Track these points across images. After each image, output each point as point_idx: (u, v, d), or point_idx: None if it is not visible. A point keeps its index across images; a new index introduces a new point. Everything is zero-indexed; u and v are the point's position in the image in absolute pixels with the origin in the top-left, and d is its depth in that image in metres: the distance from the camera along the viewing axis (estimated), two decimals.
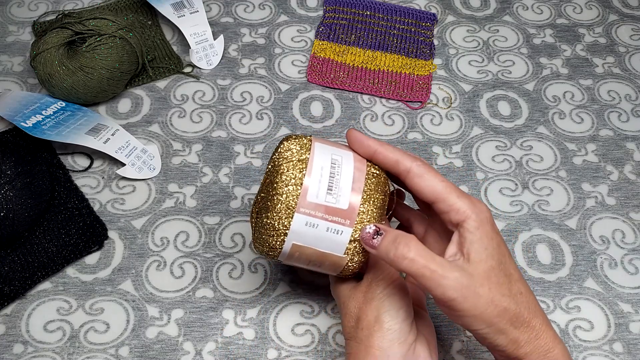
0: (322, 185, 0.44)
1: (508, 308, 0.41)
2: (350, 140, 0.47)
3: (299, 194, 0.43)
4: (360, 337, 0.44)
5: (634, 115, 0.71)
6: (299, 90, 0.71)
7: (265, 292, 0.56)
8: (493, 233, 0.43)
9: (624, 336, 0.55)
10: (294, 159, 0.44)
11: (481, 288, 0.41)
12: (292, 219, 0.43)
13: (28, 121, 0.63)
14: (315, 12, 0.79)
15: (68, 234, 0.57)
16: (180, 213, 0.60)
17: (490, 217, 0.44)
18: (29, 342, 0.52)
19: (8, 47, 0.73)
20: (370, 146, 0.46)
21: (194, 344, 0.53)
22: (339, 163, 0.45)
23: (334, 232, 0.44)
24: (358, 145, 0.46)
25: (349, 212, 0.44)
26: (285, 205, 0.43)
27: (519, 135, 0.68)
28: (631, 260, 0.59)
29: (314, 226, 0.44)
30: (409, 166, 0.45)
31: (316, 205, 0.43)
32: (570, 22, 0.80)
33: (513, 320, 0.42)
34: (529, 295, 0.43)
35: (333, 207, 0.44)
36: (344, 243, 0.44)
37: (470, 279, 0.41)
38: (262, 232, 0.45)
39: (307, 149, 0.45)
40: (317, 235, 0.44)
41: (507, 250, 0.44)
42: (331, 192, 0.44)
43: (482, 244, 0.42)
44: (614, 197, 0.64)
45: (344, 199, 0.44)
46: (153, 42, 0.74)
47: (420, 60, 0.74)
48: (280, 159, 0.45)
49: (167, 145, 0.65)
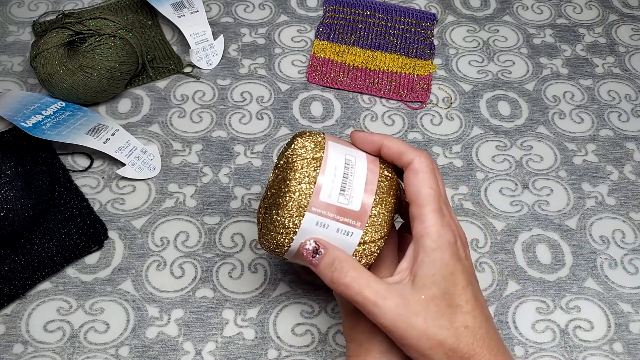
0: (335, 186, 0.43)
1: (444, 342, 0.40)
2: (356, 141, 0.46)
3: (312, 192, 0.43)
4: (360, 339, 0.44)
5: (634, 115, 0.71)
6: (299, 90, 0.71)
7: (265, 292, 0.56)
8: (451, 260, 0.41)
9: (624, 336, 0.55)
10: (308, 157, 0.44)
11: (415, 318, 0.40)
12: (304, 217, 0.43)
13: (28, 121, 0.63)
14: (315, 12, 0.79)
15: (68, 234, 0.57)
16: (180, 213, 0.60)
17: (455, 242, 0.42)
18: (29, 342, 0.52)
19: (8, 47, 0.73)
20: (376, 141, 0.45)
21: (194, 344, 0.53)
22: (352, 164, 0.45)
23: (344, 234, 0.44)
24: (364, 143, 0.46)
25: (361, 214, 0.43)
26: (297, 203, 0.43)
27: (519, 135, 0.68)
28: (631, 260, 0.59)
29: (325, 226, 0.43)
30: (412, 159, 0.44)
31: (328, 205, 0.43)
32: (570, 22, 0.80)
33: (450, 355, 0.40)
34: (476, 330, 0.41)
35: (345, 208, 0.43)
36: (354, 245, 0.44)
37: (406, 308, 0.40)
38: (271, 229, 0.44)
39: (321, 147, 0.45)
40: (327, 236, 0.44)
41: (464, 279, 0.41)
42: (344, 193, 0.43)
43: (430, 269, 0.41)
44: (614, 197, 0.64)
45: (356, 200, 0.43)
46: (153, 42, 0.74)
47: (420, 60, 0.74)
48: (295, 155, 0.44)
49: (167, 145, 0.65)
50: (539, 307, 0.56)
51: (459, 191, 0.63)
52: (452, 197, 0.63)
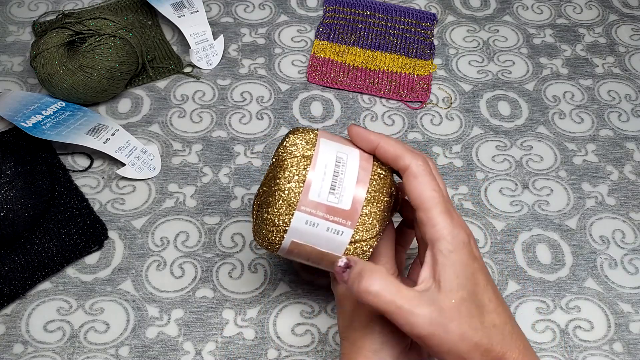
0: (325, 184, 0.43)
1: (479, 343, 0.39)
2: (352, 136, 0.45)
3: (301, 191, 0.43)
4: (354, 337, 0.44)
5: (634, 115, 0.71)
6: (299, 90, 0.71)
7: (265, 292, 0.56)
8: (469, 259, 0.40)
9: (624, 336, 0.55)
10: (298, 155, 0.44)
11: (451, 323, 0.39)
12: (293, 216, 0.43)
13: (28, 121, 0.63)
14: (315, 12, 0.79)
15: (68, 234, 0.57)
16: (180, 213, 0.60)
17: (469, 242, 0.41)
18: (29, 342, 0.52)
19: (8, 47, 0.73)
20: (372, 140, 0.44)
21: (194, 344, 0.53)
22: (343, 161, 0.44)
23: (334, 232, 0.43)
24: (360, 140, 0.45)
25: (351, 213, 0.43)
26: (286, 202, 0.43)
27: (519, 135, 0.68)
28: (631, 260, 0.59)
29: (314, 225, 0.43)
30: (408, 163, 0.42)
31: (317, 204, 0.43)
32: (570, 22, 0.80)
33: (485, 355, 0.39)
34: (503, 327, 0.41)
35: (335, 207, 0.43)
36: (344, 243, 0.44)
37: (440, 314, 0.39)
38: (262, 227, 0.45)
39: (312, 144, 0.44)
40: (317, 234, 0.44)
41: (483, 277, 0.41)
42: (334, 192, 0.43)
43: (454, 271, 0.40)
44: (614, 197, 0.64)
45: (346, 199, 0.43)
46: (153, 42, 0.74)
47: (420, 60, 0.74)
48: (285, 153, 0.44)
49: (167, 145, 0.65)
50: (539, 307, 0.56)
51: (459, 191, 0.63)
52: (452, 197, 0.63)
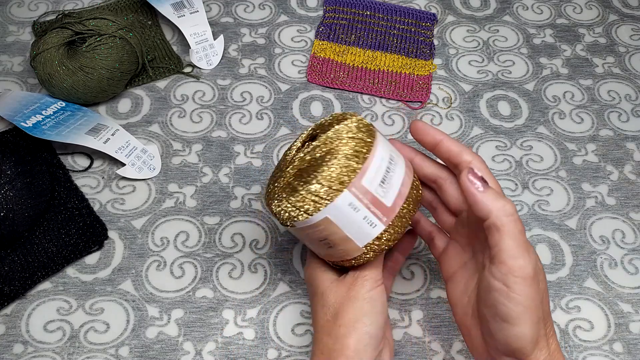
0: (378, 175, 0.43)
1: None
2: (415, 130, 0.47)
3: (357, 173, 0.42)
4: (337, 334, 0.43)
5: (634, 115, 0.71)
6: (299, 90, 0.71)
7: (265, 292, 0.56)
8: (539, 286, 0.41)
9: (624, 336, 0.55)
10: (360, 138, 0.44)
11: None
12: (341, 193, 0.42)
13: (28, 121, 0.63)
14: (315, 12, 0.79)
15: (68, 234, 0.57)
16: (180, 213, 0.60)
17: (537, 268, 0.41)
18: (29, 342, 0.52)
19: (8, 47, 0.73)
20: (435, 135, 0.46)
21: (194, 344, 0.53)
22: (394, 161, 0.45)
23: (369, 223, 0.43)
24: (424, 134, 0.46)
25: (390, 210, 0.44)
26: (339, 177, 0.42)
27: (519, 135, 0.68)
28: (631, 260, 0.59)
29: (355, 209, 0.43)
30: (470, 159, 0.44)
31: (366, 191, 0.43)
32: (570, 22, 0.80)
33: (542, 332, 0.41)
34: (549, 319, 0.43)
35: (379, 200, 0.43)
36: (371, 236, 0.44)
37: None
38: (298, 195, 0.43)
39: (372, 134, 0.45)
40: (353, 220, 0.43)
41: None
42: (383, 185, 0.43)
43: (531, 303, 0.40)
44: (614, 197, 0.64)
45: (390, 196, 0.44)
46: (153, 42, 0.74)
47: (420, 60, 0.74)
48: (348, 131, 0.44)
49: (167, 145, 0.65)
50: None
51: None
52: None
